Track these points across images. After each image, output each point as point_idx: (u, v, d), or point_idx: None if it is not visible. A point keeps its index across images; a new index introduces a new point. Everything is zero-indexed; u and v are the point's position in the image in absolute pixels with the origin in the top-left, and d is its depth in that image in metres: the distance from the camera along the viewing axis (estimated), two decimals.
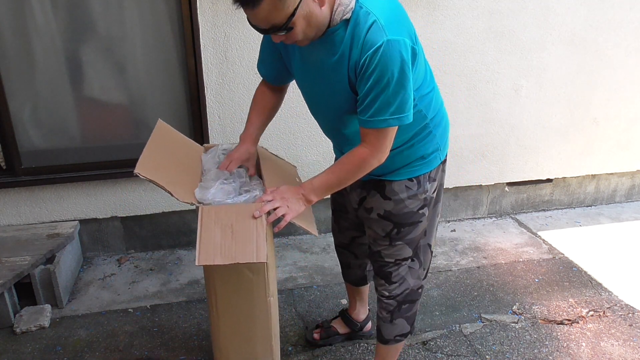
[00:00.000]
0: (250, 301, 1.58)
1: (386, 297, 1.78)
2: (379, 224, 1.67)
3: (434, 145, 1.62)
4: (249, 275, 1.53)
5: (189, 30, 2.51)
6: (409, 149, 1.57)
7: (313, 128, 2.78)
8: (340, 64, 1.38)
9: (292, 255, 2.88)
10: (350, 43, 1.34)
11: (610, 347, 2.19)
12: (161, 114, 2.68)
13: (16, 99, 2.49)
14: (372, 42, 1.29)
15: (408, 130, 1.52)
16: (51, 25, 2.42)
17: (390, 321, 1.80)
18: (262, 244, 1.38)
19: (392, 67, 1.30)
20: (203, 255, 1.37)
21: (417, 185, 1.62)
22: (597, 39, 3.02)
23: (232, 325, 1.62)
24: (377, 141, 1.41)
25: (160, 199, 2.77)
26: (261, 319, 1.60)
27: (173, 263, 2.80)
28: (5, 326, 2.26)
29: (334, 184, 1.52)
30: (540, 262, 2.83)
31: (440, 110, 1.65)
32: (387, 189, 1.62)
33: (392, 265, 1.73)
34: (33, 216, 2.67)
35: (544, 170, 3.30)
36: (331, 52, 1.39)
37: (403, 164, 1.59)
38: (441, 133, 1.64)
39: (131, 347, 2.17)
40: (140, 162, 1.46)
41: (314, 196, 1.51)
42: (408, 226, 1.66)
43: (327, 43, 1.39)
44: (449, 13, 2.76)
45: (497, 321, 2.35)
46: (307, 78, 1.54)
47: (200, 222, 1.40)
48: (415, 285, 1.77)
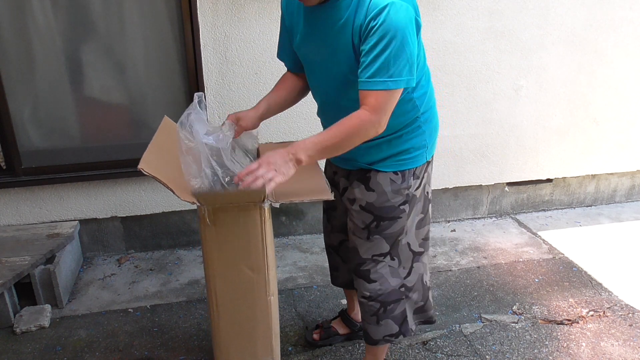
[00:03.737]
0: (250, 300, 1.58)
1: (368, 299, 1.77)
2: (359, 215, 1.68)
3: (422, 141, 1.64)
4: (250, 274, 1.53)
5: (189, 30, 2.51)
6: (397, 139, 1.59)
7: (313, 128, 2.78)
8: (344, 29, 1.41)
9: (292, 255, 2.88)
10: (356, 8, 1.38)
11: (610, 347, 2.19)
12: (161, 113, 2.66)
13: (16, 99, 2.49)
14: (377, 3, 1.34)
15: (399, 118, 1.54)
16: (51, 25, 2.42)
17: (376, 322, 1.79)
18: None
19: (395, 28, 1.33)
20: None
21: (402, 179, 1.64)
22: (597, 39, 3.02)
23: (233, 324, 1.62)
24: (376, 104, 1.40)
25: (160, 199, 2.78)
26: (261, 318, 1.60)
27: (173, 263, 2.80)
28: (5, 326, 2.26)
29: (328, 146, 1.44)
30: (540, 262, 2.83)
31: (432, 109, 1.67)
32: (371, 181, 1.64)
33: (370, 262, 1.73)
34: (33, 216, 2.67)
35: (544, 170, 3.30)
36: (337, 18, 1.42)
37: (390, 154, 1.61)
38: (430, 131, 1.66)
39: (131, 347, 2.17)
40: (144, 158, 1.45)
41: (303, 154, 1.41)
42: (388, 220, 1.66)
43: (334, 8, 1.42)
44: (449, 13, 2.76)
45: (497, 321, 2.35)
46: (310, 46, 1.55)
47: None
48: (396, 284, 1.76)
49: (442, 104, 2.95)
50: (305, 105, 2.78)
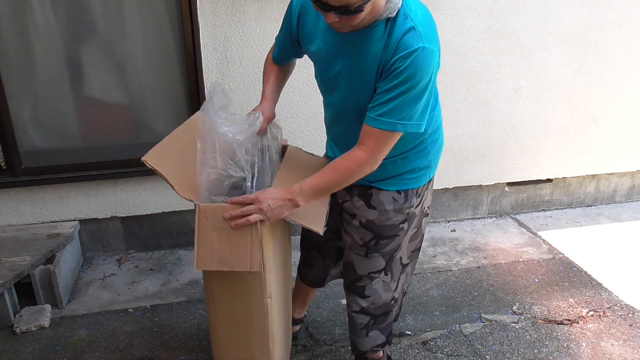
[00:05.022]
0: (247, 301, 1.55)
1: (358, 312, 1.76)
2: (358, 232, 1.66)
3: (427, 161, 1.62)
4: (246, 275, 1.50)
5: (189, 30, 2.51)
6: (402, 159, 1.57)
7: (313, 128, 2.78)
8: (373, 61, 1.37)
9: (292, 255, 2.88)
10: (385, 43, 1.34)
11: (610, 347, 2.19)
12: (161, 113, 2.68)
13: (16, 99, 2.49)
14: (407, 45, 1.29)
15: (406, 141, 1.51)
16: (51, 25, 2.42)
17: (365, 335, 1.79)
18: (255, 252, 1.38)
19: (421, 74, 1.29)
20: (201, 260, 1.38)
21: (404, 198, 1.61)
22: (597, 39, 3.02)
23: (229, 325, 1.61)
24: (376, 145, 1.38)
25: (161, 199, 2.77)
26: (259, 320, 1.58)
27: (173, 263, 2.80)
28: (5, 326, 2.26)
29: (325, 188, 1.47)
30: (540, 262, 2.83)
31: (439, 129, 1.65)
32: (373, 198, 1.61)
33: (366, 278, 1.72)
34: (33, 216, 2.67)
35: (544, 170, 3.30)
36: (369, 46, 1.37)
37: (394, 174, 1.59)
38: (435, 151, 1.64)
39: (131, 347, 2.17)
40: (153, 150, 1.44)
41: (301, 199, 1.44)
42: (387, 238, 1.65)
43: (367, 36, 1.37)
44: (449, 13, 2.76)
45: (497, 321, 2.35)
46: (333, 64, 1.49)
47: (197, 223, 1.39)
48: (387, 298, 1.76)
49: (442, 104, 2.95)
50: (306, 106, 2.79)
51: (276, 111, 1.71)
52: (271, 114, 1.62)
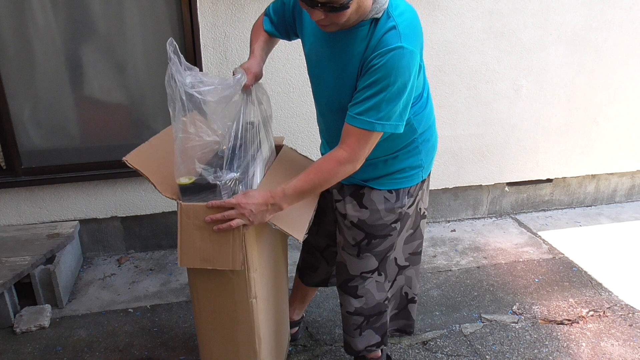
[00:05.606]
0: (231, 301, 1.52)
1: (352, 313, 1.76)
2: (350, 231, 1.66)
3: (418, 161, 1.61)
4: (229, 274, 1.47)
5: (189, 30, 2.51)
6: (393, 159, 1.57)
7: (313, 128, 2.78)
8: (355, 59, 1.38)
9: (292, 255, 2.87)
10: (367, 42, 1.35)
11: (610, 347, 2.19)
12: (161, 114, 2.68)
13: (16, 99, 2.49)
14: (385, 43, 1.30)
15: (396, 140, 1.51)
16: (51, 25, 2.42)
17: (359, 334, 1.79)
18: (238, 251, 1.37)
19: (397, 73, 1.30)
20: (185, 257, 1.37)
21: (396, 198, 1.61)
22: (597, 39, 3.02)
23: (213, 325, 1.58)
24: (356, 144, 1.38)
25: (161, 199, 2.77)
26: (243, 320, 1.55)
27: (173, 263, 2.80)
28: (5, 326, 2.26)
29: (308, 190, 1.44)
30: (540, 262, 2.83)
31: (431, 128, 1.64)
32: (365, 198, 1.61)
33: (358, 278, 1.72)
34: (33, 216, 2.67)
35: (544, 170, 3.30)
36: (354, 45, 1.38)
37: (385, 173, 1.59)
38: (427, 151, 1.63)
39: (131, 347, 2.17)
40: (136, 150, 1.43)
41: (285, 203, 1.42)
42: (379, 238, 1.64)
43: (352, 35, 1.38)
44: (449, 13, 2.76)
45: (497, 321, 2.35)
46: (321, 60, 1.51)
47: (179, 221, 1.38)
48: (381, 298, 1.76)
49: (442, 104, 2.98)
50: (305, 105, 2.79)
51: (276, 111, 1.71)
52: (259, 70, 1.57)
